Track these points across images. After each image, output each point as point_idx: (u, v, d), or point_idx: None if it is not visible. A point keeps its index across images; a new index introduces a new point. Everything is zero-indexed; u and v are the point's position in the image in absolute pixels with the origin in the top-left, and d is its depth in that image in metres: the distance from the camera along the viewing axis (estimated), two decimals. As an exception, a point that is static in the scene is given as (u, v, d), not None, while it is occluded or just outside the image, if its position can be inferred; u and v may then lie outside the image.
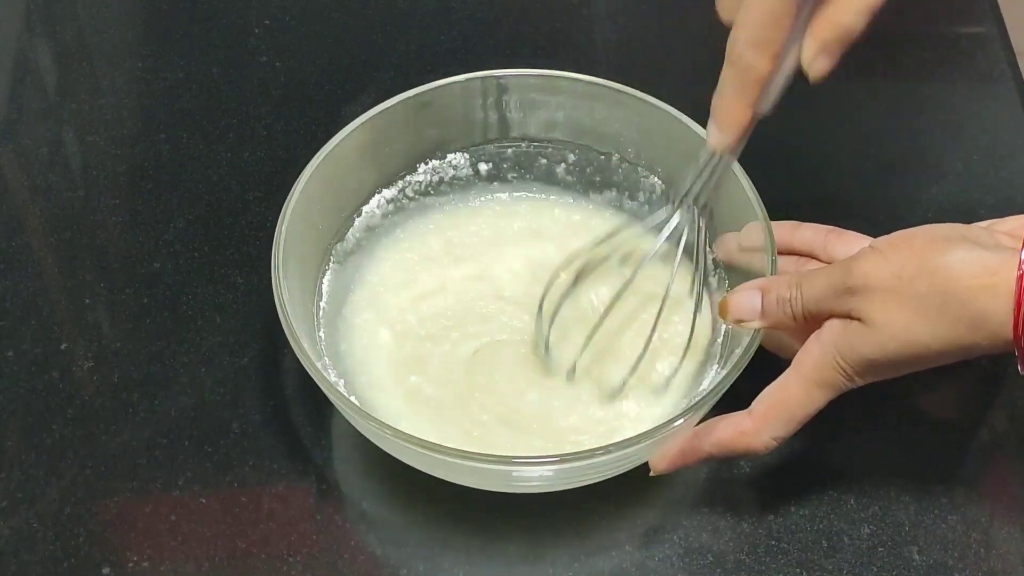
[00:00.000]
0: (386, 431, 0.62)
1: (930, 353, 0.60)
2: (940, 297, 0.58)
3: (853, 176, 0.85)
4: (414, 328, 0.73)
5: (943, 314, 0.58)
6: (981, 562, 0.67)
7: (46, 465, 0.70)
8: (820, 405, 0.63)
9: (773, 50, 0.62)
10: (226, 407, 0.73)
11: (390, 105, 0.74)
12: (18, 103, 0.88)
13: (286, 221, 0.68)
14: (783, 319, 0.64)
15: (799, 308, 0.63)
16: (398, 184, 0.77)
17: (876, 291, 0.60)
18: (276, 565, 0.67)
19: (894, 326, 0.60)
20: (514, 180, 0.79)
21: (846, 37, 0.62)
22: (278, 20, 0.94)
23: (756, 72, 0.62)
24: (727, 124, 0.65)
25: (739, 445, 0.63)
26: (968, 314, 0.58)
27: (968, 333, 0.58)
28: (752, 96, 0.63)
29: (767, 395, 0.63)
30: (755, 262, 0.69)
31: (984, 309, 0.58)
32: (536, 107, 0.77)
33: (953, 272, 0.59)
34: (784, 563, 0.67)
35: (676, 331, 0.72)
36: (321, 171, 0.71)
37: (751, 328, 0.65)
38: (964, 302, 0.58)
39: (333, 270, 0.74)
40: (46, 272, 0.79)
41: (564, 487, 0.66)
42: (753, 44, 0.62)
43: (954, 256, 0.59)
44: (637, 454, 0.64)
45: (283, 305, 0.65)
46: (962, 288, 0.58)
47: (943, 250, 0.60)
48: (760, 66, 0.62)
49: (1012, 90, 0.89)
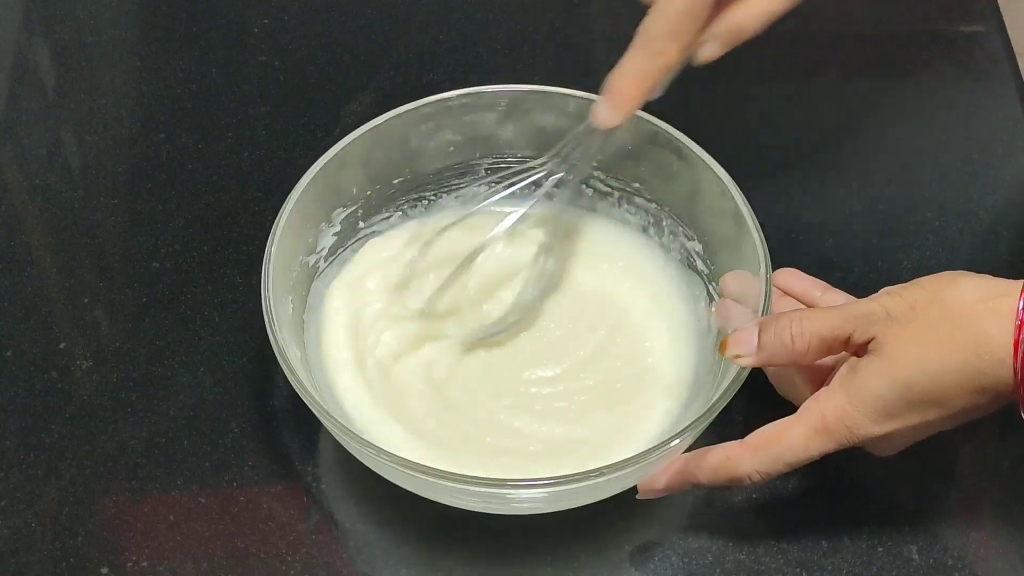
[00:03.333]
0: (384, 458, 0.62)
1: (939, 387, 0.59)
2: (948, 323, 0.59)
3: (853, 176, 0.85)
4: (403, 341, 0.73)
5: (951, 340, 0.58)
6: (981, 562, 0.67)
7: (45, 465, 0.70)
8: (814, 455, 0.62)
9: (685, 41, 0.65)
10: (225, 407, 0.72)
11: (384, 120, 0.73)
12: (17, 103, 0.88)
13: (275, 244, 0.67)
14: (780, 350, 0.63)
15: (804, 338, 0.62)
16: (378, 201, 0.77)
17: (891, 321, 0.60)
18: (275, 565, 0.67)
19: (906, 356, 0.59)
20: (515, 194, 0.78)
21: (739, 34, 0.66)
22: (278, 20, 0.94)
23: (664, 60, 0.65)
24: (621, 103, 0.67)
25: (725, 470, 0.63)
26: (972, 338, 0.58)
27: (973, 359, 0.58)
28: (652, 82, 0.66)
29: (765, 429, 0.63)
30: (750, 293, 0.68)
31: (986, 331, 0.58)
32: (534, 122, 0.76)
33: (961, 298, 0.59)
34: (784, 563, 0.67)
35: None
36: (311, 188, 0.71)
37: (747, 364, 0.64)
38: (968, 326, 0.58)
39: (324, 277, 0.74)
40: (45, 272, 0.79)
41: (556, 509, 0.66)
42: (668, 32, 0.64)
43: (963, 285, 0.60)
44: (631, 475, 0.63)
45: (272, 325, 0.65)
46: (966, 313, 0.58)
47: (952, 281, 0.60)
48: (669, 55, 0.65)
49: (1012, 90, 0.89)
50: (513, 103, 0.75)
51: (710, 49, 0.66)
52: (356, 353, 0.71)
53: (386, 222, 0.77)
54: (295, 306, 0.70)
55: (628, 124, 0.68)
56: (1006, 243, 0.81)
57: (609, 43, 0.93)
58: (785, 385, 0.68)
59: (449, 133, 0.76)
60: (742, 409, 0.68)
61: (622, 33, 0.63)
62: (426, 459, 0.64)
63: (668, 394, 0.70)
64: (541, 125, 0.76)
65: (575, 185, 0.73)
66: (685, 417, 0.68)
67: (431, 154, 0.76)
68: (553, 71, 0.90)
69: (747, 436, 0.63)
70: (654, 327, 0.74)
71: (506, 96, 0.75)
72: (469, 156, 0.77)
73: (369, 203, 0.76)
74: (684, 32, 0.64)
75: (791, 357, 0.63)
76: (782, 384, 0.69)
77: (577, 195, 0.75)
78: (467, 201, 0.78)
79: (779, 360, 0.64)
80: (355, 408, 0.69)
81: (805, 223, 0.82)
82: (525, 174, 0.73)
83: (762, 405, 0.67)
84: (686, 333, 0.73)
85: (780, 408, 0.66)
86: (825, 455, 0.62)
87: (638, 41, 0.65)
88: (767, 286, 0.66)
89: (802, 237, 0.80)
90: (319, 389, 0.68)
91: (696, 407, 0.68)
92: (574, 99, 0.74)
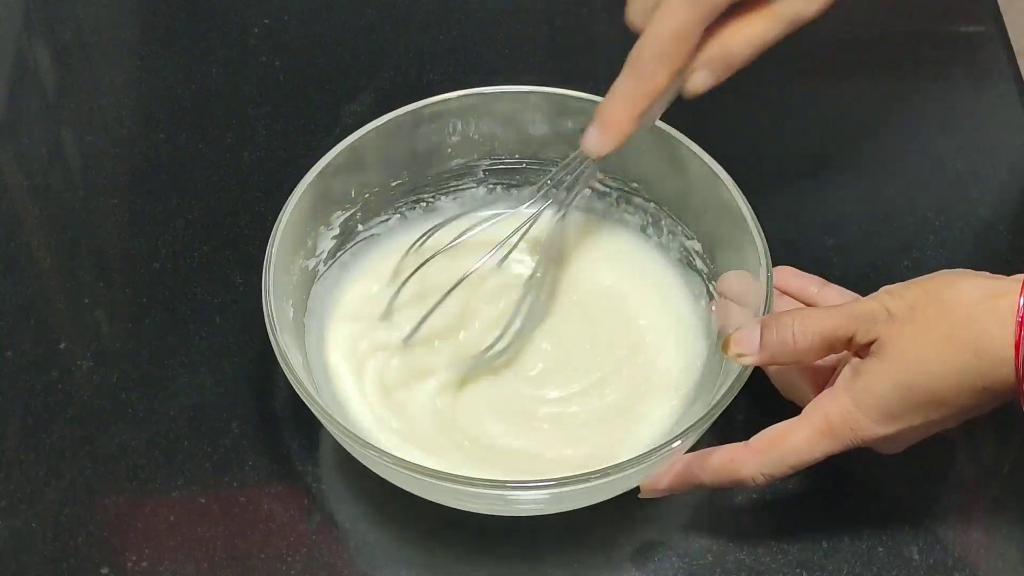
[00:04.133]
0: (385, 460, 0.62)
1: (941, 388, 0.59)
2: (947, 323, 0.59)
3: (852, 176, 0.85)
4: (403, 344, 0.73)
5: (951, 340, 0.58)
6: (981, 562, 0.67)
7: (45, 465, 0.70)
8: (818, 456, 0.62)
9: (676, 66, 0.64)
10: (225, 407, 0.72)
11: (385, 121, 0.73)
12: (17, 103, 0.88)
13: (275, 247, 0.67)
14: (781, 349, 0.63)
15: (805, 337, 0.62)
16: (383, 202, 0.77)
17: (892, 322, 0.60)
18: (275, 565, 0.67)
19: (906, 357, 0.59)
20: (512, 195, 0.78)
21: (730, 61, 0.65)
22: (278, 20, 0.94)
23: (654, 84, 0.64)
24: (611, 130, 0.66)
25: (728, 472, 0.62)
26: (972, 337, 0.58)
27: (974, 359, 0.58)
28: (642, 107, 0.65)
29: (769, 431, 0.63)
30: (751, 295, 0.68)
31: (987, 330, 0.58)
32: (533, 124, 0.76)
33: (960, 298, 0.59)
34: (784, 563, 0.67)
35: None
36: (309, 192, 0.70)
37: (749, 363, 0.63)
38: (968, 326, 0.58)
39: (325, 280, 0.74)
40: (45, 272, 0.79)
41: (558, 510, 0.66)
42: (657, 56, 0.64)
43: (962, 284, 0.60)
44: (634, 476, 0.63)
45: (274, 329, 0.65)
46: (966, 312, 0.58)
47: (951, 281, 0.60)
48: (659, 79, 0.64)
49: (1012, 90, 0.89)
50: (513, 103, 0.75)
51: (701, 77, 0.65)
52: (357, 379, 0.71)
53: (384, 225, 0.77)
54: (296, 310, 0.70)
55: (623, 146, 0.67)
56: (1006, 243, 0.81)
57: (609, 43, 0.93)
58: (787, 386, 0.68)
59: (448, 134, 0.76)
60: (743, 408, 0.68)
61: (622, 33, 0.63)
62: (427, 460, 0.64)
63: (670, 395, 0.70)
64: (541, 126, 0.76)
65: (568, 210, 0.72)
66: (687, 418, 0.68)
67: (430, 156, 0.76)
68: (553, 71, 0.90)
69: (751, 438, 0.63)
70: (654, 327, 0.73)
71: (506, 96, 0.75)
72: (468, 158, 0.77)
73: (367, 206, 0.76)
74: (674, 56, 0.64)
75: (793, 356, 0.63)
76: (784, 385, 0.69)
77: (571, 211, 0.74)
78: (465, 204, 0.78)
79: (781, 359, 0.64)
80: (358, 412, 0.69)
81: (805, 223, 0.82)
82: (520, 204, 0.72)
83: (764, 406, 0.67)
84: (687, 333, 0.73)
85: (782, 408, 0.66)
86: (829, 456, 0.62)
87: (627, 65, 0.65)
88: (768, 286, 0.66)
89: (802, 237, 0.80)
90: (320, 390, 0.68)
91: (698, 407, 0.68)
92: (574, 99, 0.74)
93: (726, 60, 0.65)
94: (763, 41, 0.65)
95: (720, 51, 0.64)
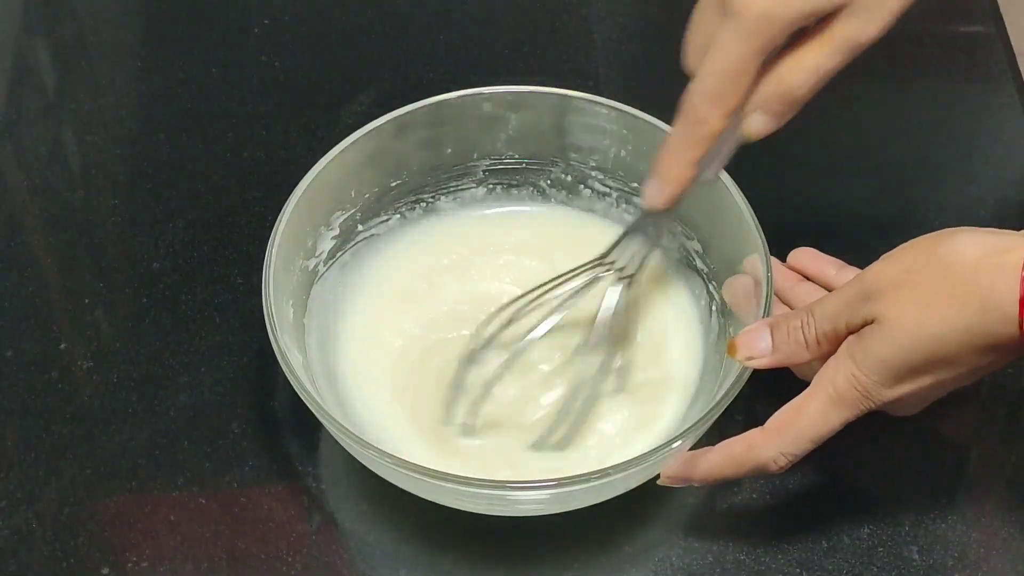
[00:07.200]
0: (386, 460, 0.61)
1: (946, 348, 0.57)
2: (949, 281, 0.57)
3: (853, 176, 0.85)
4: (405, 345, 0.73)
5: (953, 299, 0.56)
6: (981, 562, 0.67)
7: (45, 465, 0.70)
8: (835, 425, 0.60)
9: (729, 106, 0.60)
10: (225, 407, 0.73)
11: (384, 121, 0.73)
12: (17, 103, 0.88)
13: (275, 248, 0.67)
14: (796, 350, 0.62)
15: (812, 333, 0.62)
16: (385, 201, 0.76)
17: (888, 289, 0.58)
18: (275, 565, 0.67)
19: (906, 320, 0.58)
20: (512, 195, 0.79)
21: (789, 98, 0.60)
22: (278, 20, 0.94)
23: (708, 128, 0.61)
24: (668, 179, 0.63)
25: (749, 458, 0.61)
26: (977, 295, 0.56)
27: (979, 317, 0.56)
28: (699, 152, 0.62)
29: (782, 411, 0.62)
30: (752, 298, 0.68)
31: (993, 287, 0.55)
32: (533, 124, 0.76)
33: (960, 255, 0.57)
34: (784, 563, 0.67)
35: None
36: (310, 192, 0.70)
37: (762, 366, 0.63)
38: (972, 283, 0.56)
39: (325, 281, 0.74)
40: (45, 272, 0.79)
41: (558, 511, 0.66)
42: (709, 97, 0.60)
43: (960, 241, 0.58)
44: (634, 476, 0.63)
45: (274, 329, 0.65)
46: (969, 269, 0.56)
47: (949, 238, 0.58)
48: (713, 121, 0.61)
49: (1012, 90, 0.89)
50: (513, 103, 0.75)
51: (758, 121, 0.61)
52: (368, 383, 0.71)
53: (384, 224, 0.77)
54: (296, 310, 0.70)
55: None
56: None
57: (609, 43, 0.93)
58: (804, 366, 0.67)
59: (448, 134, 0.76)
60: (743, 408, 0.68)
61: (622, 33, 0.63)
62: (427, 460, 0.64)
63: (672, 394, 0.70)
64: (541, 126, 0.76)
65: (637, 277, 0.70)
66: (687, 418, 0.68)
67: (430, 156, 0.76)
68: (553, 71, 0.90)
69: (766, 422, 0.62)
70: (654, 327, 0.73)
71: (506, 96, 0.75)
72: (468, 158, 0.77)
73: (367, 206, 0.76)
74: (726, 96, 0.60)
75: (808, 354, 0.62)
76: (800, 366, 0.67)
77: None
78: (465, 204, 0.78)
79: (796, 359, 0.63)
80: (359, 412, 0.69)
81: (805, 223, 0.82)
82: (586, 274, 0.70)
83: (764, 406, 0.67)
84: (687, 332, 0.73)
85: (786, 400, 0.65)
86: (846, 424, 0.60)
87: (680, 111, 0.62)
88: (768, 286, 0.66)
89: (802, 236, 0.80)
90: (320, 391, 0.68)
91: (698, 407, 0.68)
92: (575, 99, 0.74)
93: (784, 98, 0.60)
94: (822, 72, 0.60)
95: (775, 88, 0.60)
